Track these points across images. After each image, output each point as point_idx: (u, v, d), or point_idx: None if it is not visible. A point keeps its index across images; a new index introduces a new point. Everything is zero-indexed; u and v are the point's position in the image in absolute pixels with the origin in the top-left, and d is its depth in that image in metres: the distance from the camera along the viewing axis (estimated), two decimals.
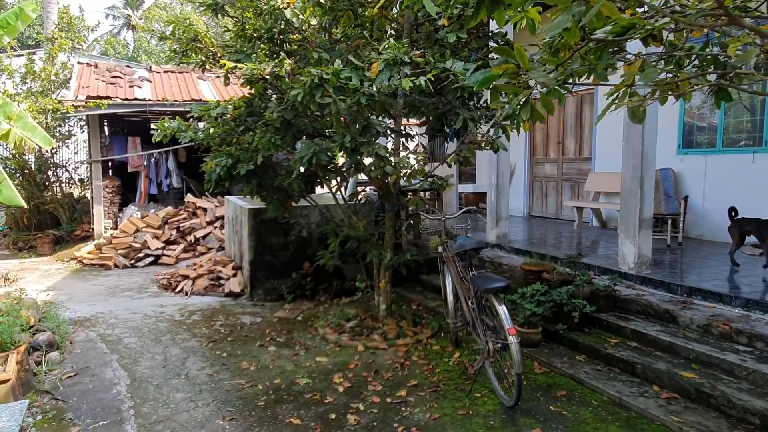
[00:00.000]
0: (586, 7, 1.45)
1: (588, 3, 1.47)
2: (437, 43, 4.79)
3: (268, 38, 4.84)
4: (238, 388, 4.20)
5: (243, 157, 4.76)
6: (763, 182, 6.82)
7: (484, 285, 3.77)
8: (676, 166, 7.91)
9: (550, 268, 5.40)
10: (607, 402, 3.77)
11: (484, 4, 2.18)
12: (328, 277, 6.89)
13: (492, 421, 3.56)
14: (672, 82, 2.06)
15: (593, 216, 9.24)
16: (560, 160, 10.32)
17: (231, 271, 7.56)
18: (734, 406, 3.36)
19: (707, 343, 4.07)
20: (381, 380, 4.29)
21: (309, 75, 3.77)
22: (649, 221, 5.45)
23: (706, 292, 4.75)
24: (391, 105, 4.44)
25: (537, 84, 1.73)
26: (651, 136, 5.33)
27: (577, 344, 4.59)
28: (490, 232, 7.52)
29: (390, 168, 4.36)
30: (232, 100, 5.28)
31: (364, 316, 5.66)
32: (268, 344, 5.20)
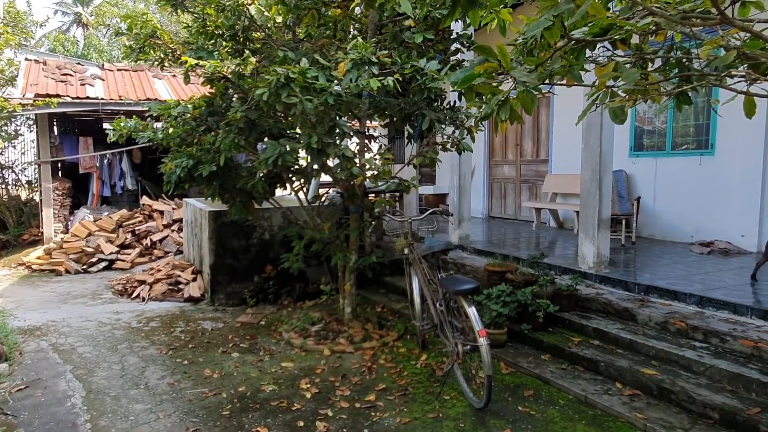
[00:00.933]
0: (575, 5, 1.44)
1: (575, 1, 1.47)
2: (403, 44, 4.78)
3: (231, 36, 4.71)
4: (201, 397, 4.06)
5: (205, 158, 4.61)
6: (709, 184, 7.13)
7: (453, 287, 3.77)
8: (629, 168, 8.18)
9: (514, 268, 5.46)
10: (573, 400, 3.84)
11: (460, 3, 2.18)
12: (291, 280, 6.78)
13: (462, 424, 3.56)
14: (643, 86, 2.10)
15: (551, 217, 9.45)
16: (518, 162, 10.51)
17: (190, 275, 7.34)
18: (694, 401, 3.47)
19: (665, 339, 4.21)
20: (349, 385, 4.24)
21: (275, 74, 3.68)
22: (607, 221, 5.60)
23: (662, 290, 4.90)
24: (357, 106, 4.40)
25: (518, 83, 1.72)
26: (608, 139, 5.48)
27: (542, 344, 4.66)
28: (452, 234, 7.57)
29: (356, 169, 4.31)
30: (192, 99, 5.12)
31: (329, 320, 5.59)
32: (232, 350, 5.07)
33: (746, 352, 3.77)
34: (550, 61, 1.76)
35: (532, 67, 1.79)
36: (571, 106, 8.42)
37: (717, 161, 7.05)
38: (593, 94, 1.84)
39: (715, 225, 7.07)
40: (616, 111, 1.78)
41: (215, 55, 4.43)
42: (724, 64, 1.53)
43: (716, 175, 7.05)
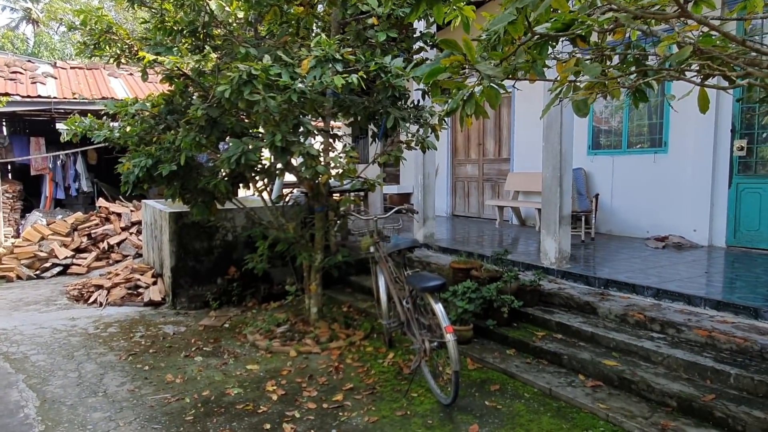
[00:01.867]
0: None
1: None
2: (366, 42, 4.77)
3: (191, 32, 4.60)
4: (163, 403, 3.95)
5: (164, 157, 4.49)
6: (663, 181, 7.38)
7: (420, 284, 3.78)
8: (587, 166, 8.39)
9: (478, 265, 5.53)
10: (539, 393, 3.90)
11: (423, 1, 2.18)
12: (255, 281, 6.68)
13: (431, 420, 3.57)
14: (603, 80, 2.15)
15: (513, 214, 9.61)
16: (481, 161, 10.64)
17: (150, 278, 7.15)
18: (653, 390, 3.58)
19: (625, 331, 4.32)
20: (316, 385, 4.20)
21: (237, 71, 3.61)
22: (568, 218, 5.72)
23: (620, 284, 5.04)
24: (322, 104, 4.36)
25: (483, 77, 1.74)
26: (568, 138, 5.60)
27: (507, 339, 4.72)
28: (417, 232, 7.60)
29: (321, 168, 4.28)
30: (150, 96, 4.98)
31: (295, 321, 5.53)
32: (195, 354, 4.95)
33: (700, 341, 3.91)
34: (515, 56, 1.78)
35: (497, 62, 1.80)
36: (532, 106, 8.59)
37: (670, 159, 7.30)
38: (556, 88, 1.87)
39: (669, 220, 7.33)
40: (579, 104, 1.81)
41: (174, 51, 4.32)
42: (679, 60, 1.57)
43: (669, 172, 7.30)
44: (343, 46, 4.54)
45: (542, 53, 1.91)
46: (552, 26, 1.78)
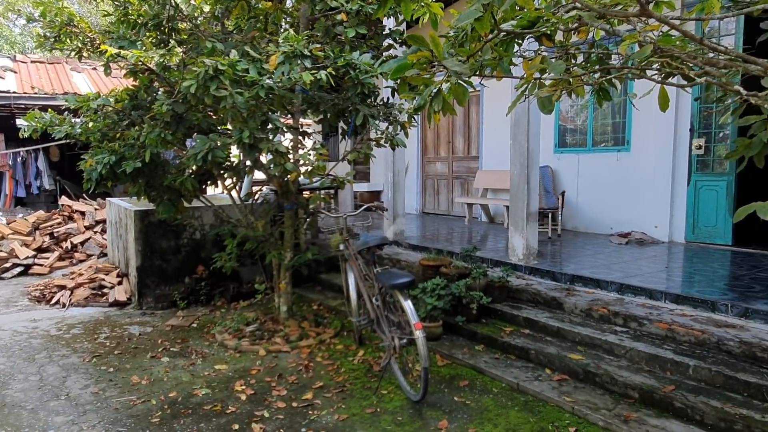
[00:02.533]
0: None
1: None
2: (335, 38, 4.74)
3: (155, 25, 4.50)
4: (128, 405, 3.87)
5: (128, 154, 4.39)
6: (626, 178, 7.57)
7: (389, 281, 3.79)
8: (554, 164, 8.54)
9: (448, 262, 5.57)
10: (507, 388, 3.96)
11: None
12: (224, 280, 6.59)
13: (400, 417, 3.59)
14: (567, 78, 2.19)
15: (482, 212, 9.71)
16: (450, 159, 10.72)
17: (115, 278, 6.98)
18: (616, 382, 3.67)
19: (590, 326, 4.42)
20: (285, 384, 4.17)
21: (203, 65, 3.55)
22: (535, 215, 5.82)
23: (585, 279, 5.15)
24: (290, 101, 4.33)
25: (451, 74, 1.75)
26: (535, 136, 5.69)
27: (476, 335, 4.78)
28: (387, 230, 7.61)
29: (290, 165, 4.24)
30: (114, 91, 4.86)
31: (265, 319, 5.48)
32: (161, 355, 4.86)
33: (661, 334, 4.03)
34: (481, 53, 1.80)
35: (464, 58, 1.82)
36: (501, 105, 8.70)
37: (632, 157, 7.49)
38: (522, 85, 1.90)
39: (631, 217, 7.52)
40: (543, 101, 1.84)
41: (138, 45, 4.22)
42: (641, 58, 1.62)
43: (632, 170, 7.49)
44: (312, 42, 4.51)
45: (508, 50, 1.93)
46: (518, 24, 1.81)
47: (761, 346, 3.53)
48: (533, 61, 2.04)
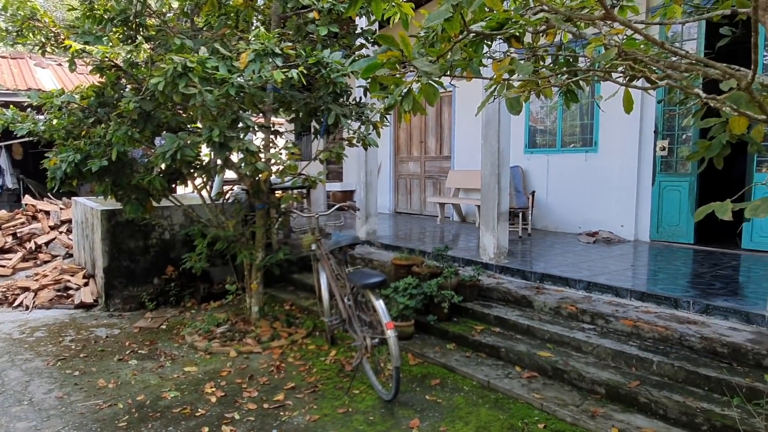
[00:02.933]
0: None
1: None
2: (307, 36, 4.72)
3: (122, 21, 4.40)
4: (94, 409, 3.78)
5: (94, 152, 4.28)
6: (594, 178, 7.73)
7: (361, 281, 3.79)
8: (524, 164, 8.66)
9: (420, 261, 5.60)
10: (477, 386, 4.01)
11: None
12: (194, 281, 6.50)
13: (372, 417, 3.60)
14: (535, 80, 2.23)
15: (454, 211, 9.79)
16: (423, 159, 10.78)
17: (82, 280, 6.81)
18: (584, 379, 3.75)
19: (559, 323, 4.50)
20: (257, 386, 4.14)
21: (171, 62, 3.49)
22: (506, 214, 5.89)
23: (555, 278, 5.24)
24: (262, 99, 4.29)
25: (421, 74, 1.76)
26: (506, 136, 5.76)
27: (447, 333, 4.81)
28: (360, 229, 7.61)
29: (261, 164, 4.21)
30: (79, 88, 4.74)
31: (236, 320, 5.42)
32: (129, 358, 4.76)
33: (627, 331, 4.13)
34: (451, 53, 1.81)
35: (433, 58, 1.83)
36: (473, 105, 8.76)
37: (600, 158, 7.65)
38: (491, 86, 1.93)
39: (599, 216, 7.68)
40: (512, 102, 1.87)
41: (104, 41, 4.13)
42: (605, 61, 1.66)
43: (599, 170, 7.65)
44: (284, 40, 4.48)
45: (478, 51, 1.95)
46: (487, 25, 1.83)
47: (721, 341, 3.65)
48: (502, 62, 2.07)
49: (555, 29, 1.87)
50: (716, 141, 2.20)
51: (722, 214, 1.32)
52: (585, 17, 1.64)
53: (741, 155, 6.40)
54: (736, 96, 1.64)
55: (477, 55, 1.91)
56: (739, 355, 3.55)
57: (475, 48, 1.86)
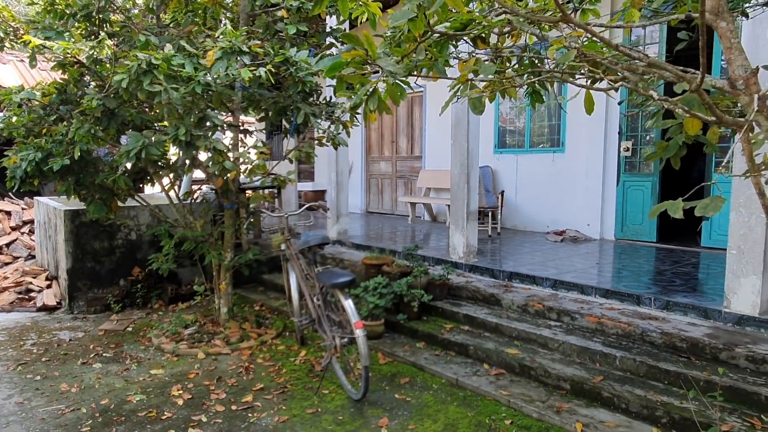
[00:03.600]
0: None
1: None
2: (276, 35, 4.69)
3: (85, 16, 4.29)
4: (56, 414, 3.69)
5: (56, 150, 4.17)
6: (561, 178, 7.87)
7: (329, 280, 3.79)
8: (494, 164, 8.77)
9: (390, 261, 5.62)
10: (446, 384, 4.04)
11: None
12: (162, 282, 6.39)
13: (341, 416, 3.60)
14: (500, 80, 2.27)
15: (425, 211, 9.85)
16: (394, 159, 10.81)
17: (44, 282, 6.64)
18: (550, 375, 3.82)
19: (526, 321, 4.58)
20: (225, 387, 4.09)
21: (135, 59, 3.43)
22: (475, 213, 5.96)
23: (522, 276, 5.33)
24: (230, 98, 4.24)
25: (385, 73, 1.77)
26: (475, 136, 5.83)
27: (417, 332, 4.84)
28: (331, 229, 7.59)
29: (229, 163, 4.16)
30: (41, 84, 4.61)
31: (204, 321, 5.35)
32: (93, 361, 4.66)
33: (591, 328, 4.22)
34: (416, 53, 1.83)
35: (398, 58, 1.85)
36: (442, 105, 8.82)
37: (567, 158, 7.80)
38: (455, 86, 1.95)
39: (566, 215, 7.82)
40: (474, 102, 1.90)
41: (66, 37, 4.02)
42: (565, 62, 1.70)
43: (566, 170, 7.80)
44: (252, 39, 4.44)
45: (443, 52, 1.98)
46: (451, 26, 1.85)
47: (680, 336, 3.76)
48: (468, 62, 2.10)
49: (518, 31, 1.90)
50: (673, 142, 2.27)
51: (674, 212, 1.37)
52: (544, 19, 1.68)
53: (701, 156, 6.61)
54: (688, 98, 1.70)
55: (442, 56, 1.93)
56: (697, 350, 3.67)
57: (440, 48, 1.88)
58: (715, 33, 1.71)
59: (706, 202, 1.36)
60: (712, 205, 1.34)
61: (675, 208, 1.38)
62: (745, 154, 1.50)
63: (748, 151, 1.50)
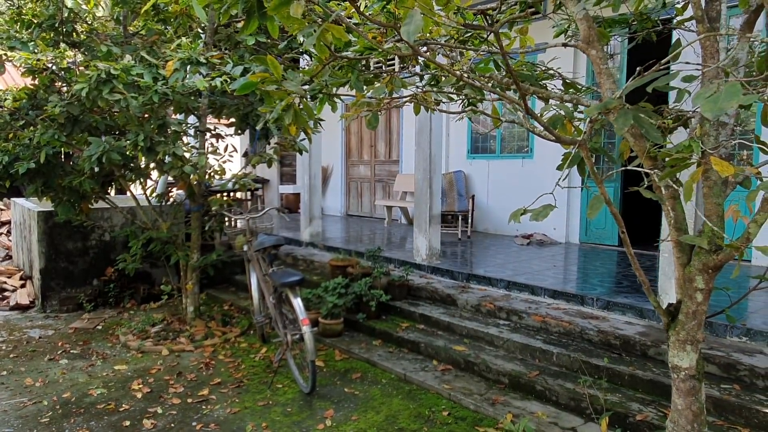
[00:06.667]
0: (318, 30, 1.72)
1: (319, 26, 1.74)
2: (238, 45, 4.88)
3: (50, 26, 4.47)
4: (18, 407, 3.85)
5: (23, 154, 4.35)
6: (529, 183, 8.08)
7: (280, 279, 3.98)
8: (467, 168, 8.99)
9: (355, 262, 5.81)
10: (395, 379, 4.24)
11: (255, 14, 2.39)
12: (134, 282, 6.55)
13: (290, 408, 3.78)
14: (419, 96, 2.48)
15: (401, 214, 10.05)
16: (373, 163, 11.01)
17: (18, 281, 6.78)
18: (491, 370, 4.02)
19: (477, 320, 4.78)
20: (184, 382, 4.27)
21: (95, 69, 3.61)
22: (438, 217, 6.16)
23: (480, 277, 5.53)
24: (194, 104, 4.42)
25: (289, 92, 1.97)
26: (437, 142, 6.04)
27: (374, 330, 5.04)
28: (303, 231, 7.78)
29: (189, 168, 4.35)
30: (10, 89, 4.78)
31: (172, 320, 5.52)
32: (60, 357, 4.82)
33: (536, 326, 4.43)
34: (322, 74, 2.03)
35: (307, 78, 2.04)
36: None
37: (534, 164, 8.02)
38: (354, 104, 2.15)
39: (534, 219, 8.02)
40: (369, 120, 2.10)
41: (30, 46, 4.20)
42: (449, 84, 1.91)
43: (534, 175, 8.01)
44: (217, 48, 4.63)
45: (353, 71, 2.17)
46: (356, 50, 2.05)
47: (614, 334, 3.97)
48: (383, 81, 2.30)
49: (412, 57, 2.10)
50: (575, 154, 2.48)
51: (515, 219, 1.58)
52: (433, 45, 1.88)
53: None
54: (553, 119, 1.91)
55: (353, 76, 2.13)
56: (628, 346, 3.89)
57: (348, 70, 2.08)
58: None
59: (539, 210, 1.56)
60: (543, 212, 1.54)
61: (515, 215, 1.58)
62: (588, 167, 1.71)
63: (590, 165, 1.70)
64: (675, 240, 2.11)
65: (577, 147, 1.63)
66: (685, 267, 2.08)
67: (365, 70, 2.28)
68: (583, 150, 1.68)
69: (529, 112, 1.67)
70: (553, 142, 1.91)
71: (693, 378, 2.07)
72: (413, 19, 1.42)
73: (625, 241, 2.07)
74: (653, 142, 1.78)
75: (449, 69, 1.81)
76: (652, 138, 1.57)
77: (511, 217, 1.73)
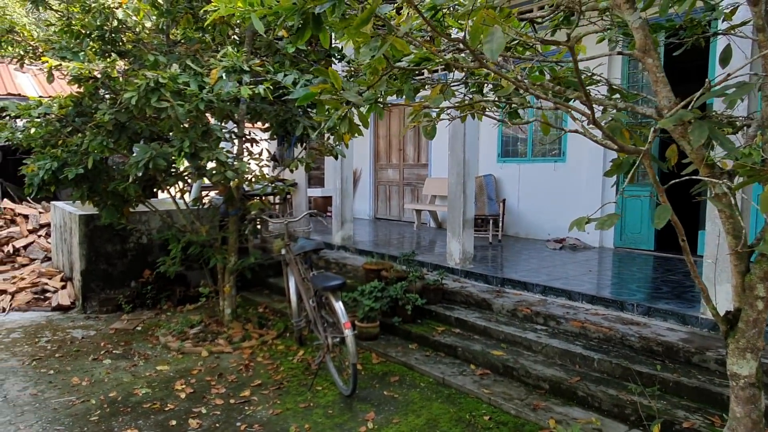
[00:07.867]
0: (380, 43, 1.76)
1: (383, 39, 1.78)
2: (277, 52, 4.96)
3: (99, 36, 4.61)
4: (67, 405, 3.97)
5: (71, 160, 4.48)
6: (562, 187, 8.03)
7: (322, 284, 4.03)
8: (497, 172, 8.96)
9: (389, 266, 5.84)
10: (433, 383, 4.25)
11: (309, 26, 2.44)
12: (171, 284, 6.68)
13: (331, 410, 3.83)
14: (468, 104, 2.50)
15: (430, 218, 10.06)
16: (401, 166, 11.04)
17: (59, 282, 6.97)
18: (530, 375, 4.01)
19: (514, 325, 4.76)
20: (225, 383, 4.35)
21: (144, 78, 3.72)
22: (471, 221, 6.16)
23: (514, 282, 5.51)
24: (233, 111, 4.52)
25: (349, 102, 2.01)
26: (472, 147, 6.04)
27: (410, 334, 5.06)
28: (335, 235, 7.85)
29: (231, 173, 4.44)
30: (58, 97, 4.93)
31: (209, 322, 5.62)
32: (103, 357, 4.95)
33: (575, 332, 4.40)
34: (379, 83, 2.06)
35: (362, 88, 2.08)
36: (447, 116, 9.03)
37: (568, 167, 7.96)
38: (412, 113, 2.18)
39: (567, 223, 7.93)
40: (425, 129, 2.13)
41: (80, 56, 4.34)
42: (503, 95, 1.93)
43: (567, 179, 7.95)
44: (255, 56, 4.71)
45: (407, 81, 2.21)
46: (412, 60, 2.09)
47: (657, 340, 3.93)
48: (433, 90, 2.33)
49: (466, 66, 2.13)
50: (625, 160, 2.47)
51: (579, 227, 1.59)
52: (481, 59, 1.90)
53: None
54: (612, 127, 1.91)
55: (405, 85, 2.16)
56: (671, 353, 3.84)
57: (403, 79, 2.11)
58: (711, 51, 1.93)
59: (604, 219, 1.57)
60: (609, 221, 1.55)
61: (578, 222, 1.59)
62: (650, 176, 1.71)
63: (651, 173, 1.70)
64: (733, 248, 2.09)
65: (641, 156, 1.63)
66: (744, 275, 2.06)
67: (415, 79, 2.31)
68: (645, 159, 1.68)
69: (595, 122, 1.68)
70: (608, 148, 1.90)
71: (753, 386, 2.04)
72: (494, 36, 1.45)
73: (685, 249, 2.06)
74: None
75: (511, 78, 1.83)
76: (727, 149, 1.57)
77: (572, 224, 1.73)
